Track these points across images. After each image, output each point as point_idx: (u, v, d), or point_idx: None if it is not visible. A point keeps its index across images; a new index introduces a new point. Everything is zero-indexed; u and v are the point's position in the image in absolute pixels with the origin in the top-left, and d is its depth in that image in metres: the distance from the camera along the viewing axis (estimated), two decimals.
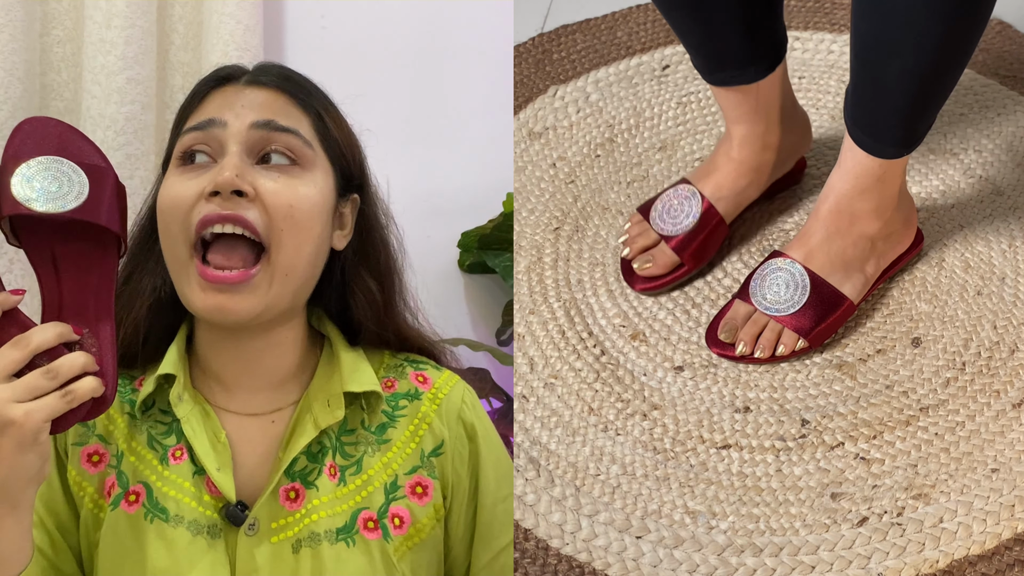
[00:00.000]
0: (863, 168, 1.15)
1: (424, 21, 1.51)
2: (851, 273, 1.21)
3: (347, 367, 0.90)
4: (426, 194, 1.48)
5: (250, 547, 0.84)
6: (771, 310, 1.20)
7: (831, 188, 1.19)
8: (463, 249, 1.49)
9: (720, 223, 1.28)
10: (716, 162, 1.28)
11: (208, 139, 0.85)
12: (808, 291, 1.19)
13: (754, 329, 1.21)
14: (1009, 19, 1.56)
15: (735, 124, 1.26)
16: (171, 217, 0.84)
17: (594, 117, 1.48)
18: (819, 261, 1.21)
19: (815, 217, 1.21)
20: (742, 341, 1.20)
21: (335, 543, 0.85)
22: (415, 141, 1.49)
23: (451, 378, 0.95)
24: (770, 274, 1.21)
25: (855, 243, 1.21)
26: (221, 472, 0.85)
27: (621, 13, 1.60)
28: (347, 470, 0.88)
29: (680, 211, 1.27)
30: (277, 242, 0.84)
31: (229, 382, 0.90)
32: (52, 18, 1.39)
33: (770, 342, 1.20)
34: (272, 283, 0.84)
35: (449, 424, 0.92)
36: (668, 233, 1.27)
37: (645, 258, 1.27)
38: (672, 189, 1.29)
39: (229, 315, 0.83)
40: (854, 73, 1.11)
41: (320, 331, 0.94)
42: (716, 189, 1.27)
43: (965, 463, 1.13)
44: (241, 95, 0.87)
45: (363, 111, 0.95)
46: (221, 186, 0.82)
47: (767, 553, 1.08)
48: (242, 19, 1.35)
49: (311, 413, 0.87)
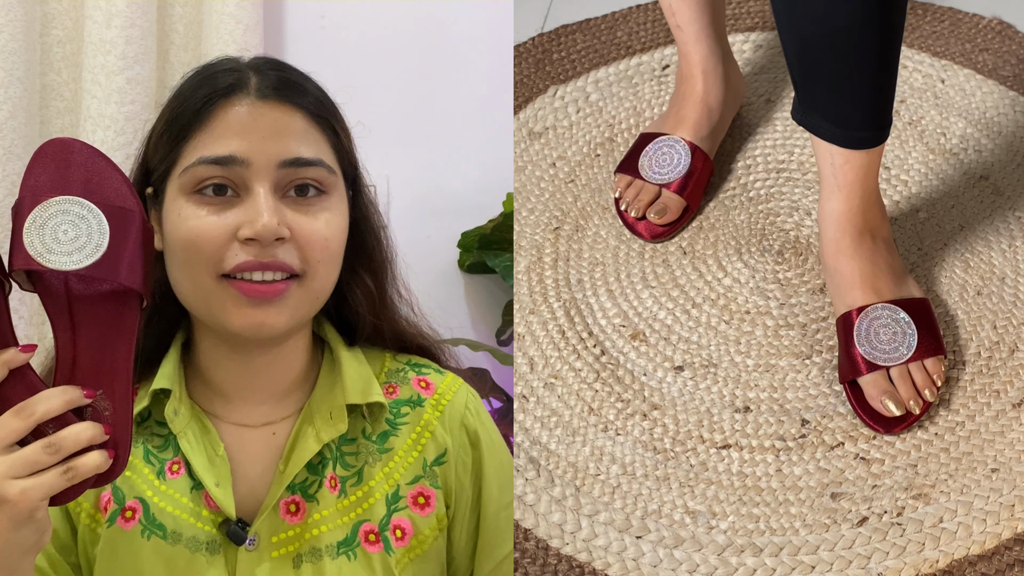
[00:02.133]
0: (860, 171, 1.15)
1: (424, 21, 1.51)
2: (905, 276, 1.21)
3: (350, 377, 0.88)
4: (426, 194, 1.48)
5: (250, 563, 0.83)
6: (899, 358, 1.15)
7: (841, 215, 1.17)
8: (463, 249, 1.49)
9: (707, 161, 1.35)
10: (683, 111, 1.36)
11: (229, 175, 0.81)
12: (913, 323, 1.16)
13: (906, 383, 1.15)
14: (1009, 19, 1.56)
15: (702, 75, 1.35)
16: (197, 253, 0.80)
17: (594, 117, 1.48)
18: (888, 288, 1.18)
19: (846, 255, 1.18)
20: (908, 401, 1.14)
21: (336, 557, 0.84)
22: (415, 141, 1.49)
23: (454, 382, 0.93)
24: (873, 326, 1.16)
25: (888, 249, 1.20)
26: (220, 487, 0.83)
27: (621, 13, 1.60)
28: (348, 481, 0.87)
29: (669, 159, 1.33)
30: (312, 273, 0.82)
31: (231, 394, 0.88)
32: (52, 18, 1.39)
33: (923, 385, 1.16)
34: (303, 301, 0.83)
35: (452, 431, 0.90)
36: (666, 180, 1.33)
37: (657, 209, 1.32)
38: (651, 144, 1.35)
39: (266, 331, 0.81)
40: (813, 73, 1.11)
41: (319, 335, 0.93)
42: (696, 131, 1.35)
43: (965, 463, 1.13)
44: (256, 119, 0.83)
45: (363, 111, 0.94)
46: (261, 236, 0.79)
47: (767, 553, 1.08)
48: (242, 19, 1.36)
49: (313, 426, 0.86)
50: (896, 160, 1.40)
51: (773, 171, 1.41)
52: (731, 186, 1.39)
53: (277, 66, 0.89)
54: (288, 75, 0.88)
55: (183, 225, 0.81)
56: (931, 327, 1.16)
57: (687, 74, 1.36)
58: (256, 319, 0.80)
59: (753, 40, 1.55)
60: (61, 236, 0.71)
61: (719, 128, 1.39)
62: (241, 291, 0.80)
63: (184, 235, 0.81)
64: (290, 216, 0.81)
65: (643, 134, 1.38)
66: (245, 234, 0.79)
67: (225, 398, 0.88)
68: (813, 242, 1.32)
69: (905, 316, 1.15)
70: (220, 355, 0.87)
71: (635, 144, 1.38)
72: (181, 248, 0.81)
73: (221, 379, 0.88)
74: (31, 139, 1.34)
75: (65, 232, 0.72)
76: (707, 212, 1.37)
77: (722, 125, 1.40)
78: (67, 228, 0.72)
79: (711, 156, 1.37)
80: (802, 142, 1.43)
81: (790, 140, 1.44)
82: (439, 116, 1.51)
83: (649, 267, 1.32)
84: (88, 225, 0.72)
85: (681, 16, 1.34)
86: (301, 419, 0.87)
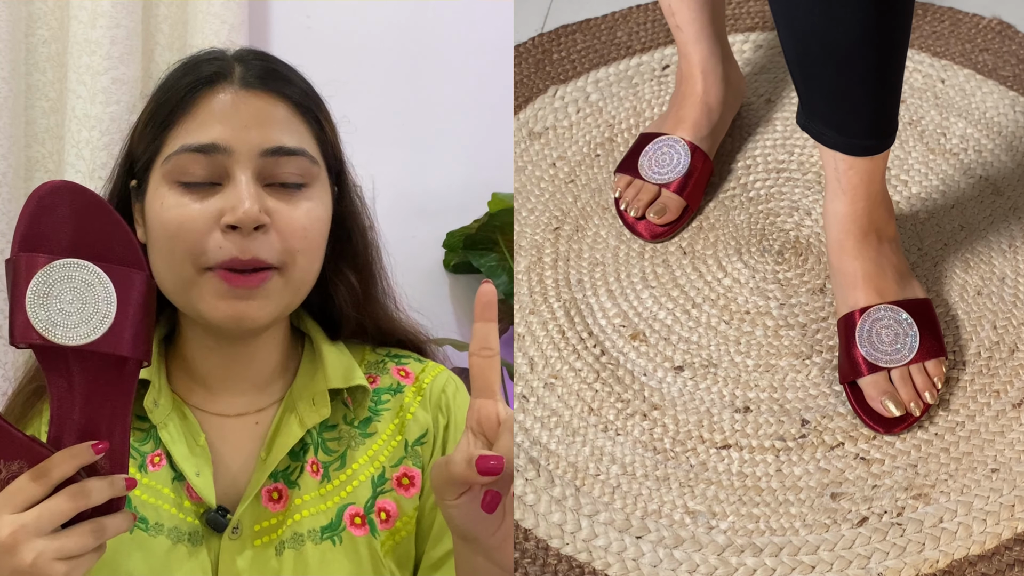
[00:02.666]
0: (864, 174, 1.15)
1: (410, 21, 1.51)
2: (909, 277, 1.20)
3: (331, 363, 0.89)
4: (411, 194, 1.48)
5: (232, 552, 0.83)
6: (900, 359, 1.15)
7: (845, 217, 1.17)
8: (448, 249, 1.49)
9: (707, 161, 1.35)
10: (683, 110, 1.36)
11: (211, 164, 0.82)
12: (914, 324, 1.15)
13: (907, 385, 1.15)
14: (1009, 19, 1.56)
15: (701, 75, 1.35)
16: (179, 241, 0.81)
17: (594, 117, 1.48)
18: (892, 289, 1.17)
19: (849, 255, 1.18)
20: (908, 402, 1.14)
21: (320, 543, 0.84)
22: (400, 141, 1.49)
23: (435, 368, 0.94)
24: (876, 327, 1.16)
25: (893, 249, 1.20)
26: (200, 477, 0.84)
27: (621, 13, 1.60)
28: (330, 466, 0.87)
29: (668, 159, 1.33)
30: (291, 262, 0.83)
31: (214, 384, 0.88)
32: (37, 18, 1.39)
33: (923, 387, 1.16)
34: (284, 293, 0.83)
35: (431, 411, 0.91)
36: (665, 180, 1.33)
37: (656, 208, 1.32)
38: (651, 144, 1.35)
39: (248, 323, 0.82)
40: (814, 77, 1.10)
41: (300, 328, 0.93)
42: (696, 131, 1.35)
43: (965, 463, 1.13)
44: (239, 107, 0.83)
45: (349, 110, 0.94)
46: (243, 222, 0.79)
47: (767, 553, 1.08)
48: (227, 18, 1.35)
49: (295, 412, 0.86)
50: (896, 160, 1.40)
51: (773, 171, 1.41)
52: (731, 186, 1.39)
53: (262, 57, 0.89)
54: (273, 65, 0.88)
55: (165, 214, 0.82)
56: (933, 328, 1.16)
57: (687, 74, 1.36)
58: (237, 311, 0.81)
59: (753, 40, 1.55)
60: (67, 307, 0.69)
61: (719, 128, 1.39)
62: (223, 279, 0.80)
63: (166, 223, 0.81)
64: (271, 204, 0.82)
65: (643, 134, 1.38)
66: (227, 221, 0.80)
67: (207, 388, 0.88)
68: (813, 242, 1.32)
69: (907, 317, 1.15)
70: (205, 346, 0.88)
71: (635, 144, 1.38)
72: (163, 238, 0.82)
73: (206, 371, 0.88)
74: (16, 139, 1.34)
75: (71, 303, 0.69)
76: (707, 212, 1.37)
77: (722, 125, 1.39)
78: (72, 298, 0.69)
79: (711, 156, 1.37)
80: (802, 142, 1.43)
81: (790, 140, 1.44)
82: (425, 116, 1.51)
83: (649, 267, 1.32)
84: (94, 293, 0.70)
85: (681, 16, 1.34)
86: (283, 407, 0.88)
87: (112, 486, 0.73)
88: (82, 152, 1.32)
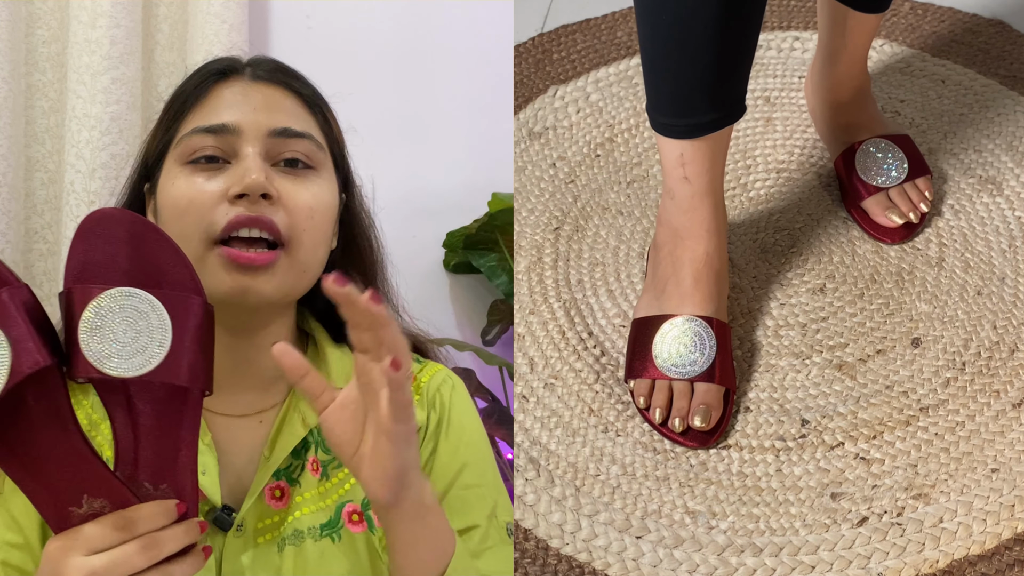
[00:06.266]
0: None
1: (411, 21, 1.51)
2: (885, 121, 1.38)
3: (335, 364, 0.90)
4: (411, 194, 1.48)
5: (236, 550, 0.84)
6: (895, 180, 1.33)
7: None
8: (448, 249, 1.49)
9: (726, 329, 1.18)
10: (686, 281, 1.17)
11: (221, 144, 0.85)
12: (901, 151, 1.34)
13: (904, 200, 1.33)
14: (1009, 19, 1.56)
15: (706, 233, 1.17)
16: (188, 216, 0.83)
17: (594, 117, 1.48)
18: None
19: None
20: (908, 213, 1.32)
21: (319, 539, 0.85)
22: (400, 141, 1.49)
23: (433, 367, 0.96)
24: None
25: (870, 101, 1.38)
26: (206, 476, 0.84)
27: (621, 13, 1.60)
28: (329, 464, 0.88)
29: (696, 348, 1.14)
30: (297, 242, 0.84)
31: (220, 383, 0.88)
32: (37, 18, 1.39)
33: (917, 200, 1.34)
34: (289, 272, 0.85)
35: (426, 408, 0.92)
36: (696, 372, 1.14)
37: (701, 414, 1.13)
38: (659, 332, 1.16)
39: (252, 296, 0.83)
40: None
41: (305, 329, 0.94)
42: (709, 303, 1.17)
43: (965, 463, 1.13)
44: (249, 94, 0.88)
45: (348, 110, 0.96)
46: (250, 188, 0.82)
47: (767, 553, 1.08)
48: (227, 18, 1.35)
49: (299, 412, 0.87)
50: None
51: (773, 171, 1.41)
52: (731, 186, 1.39)
53: (272, 60, 0.94)
54: (282, 65, 0.93)
55: (176, 192, 0.84)
56: (916, 155, 1.35)
57: (686, 232, 1.17)
58: (243, 283, 0.82)
59: None
60: (121, 336, 0.66)
61: (725, 273, 1.20)
62: (230, 256, 0.82)
63: (177, 200, 0.84)
64: (278, 182, 0.85)
65: (638, 320, 1.19)
66: (235, 191, 0.82)
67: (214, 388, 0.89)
68: (813, 242, 1.32)
69: (895, 146, 1.34)
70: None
71: (634, 335, 1.19)
72: (174, 216, 0.84)
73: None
74: (16, 139, 1.34)
75: (124, 332, 0.66)
76: None
77: (727, 268, 1.21)
78: (126, 328, 0.66)
79: (727, 318, 1.19)
80: (802, 142, 1.43)
81: (790, 140, 1.44)
82: (424, 116, 1.51)
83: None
84: (148, 322, 0.67)
85: (692, 167, 1.14)
86: (287, 406, 0.89)
87: (187, 533, 0.71)
88: (82, 152, 1.32)
